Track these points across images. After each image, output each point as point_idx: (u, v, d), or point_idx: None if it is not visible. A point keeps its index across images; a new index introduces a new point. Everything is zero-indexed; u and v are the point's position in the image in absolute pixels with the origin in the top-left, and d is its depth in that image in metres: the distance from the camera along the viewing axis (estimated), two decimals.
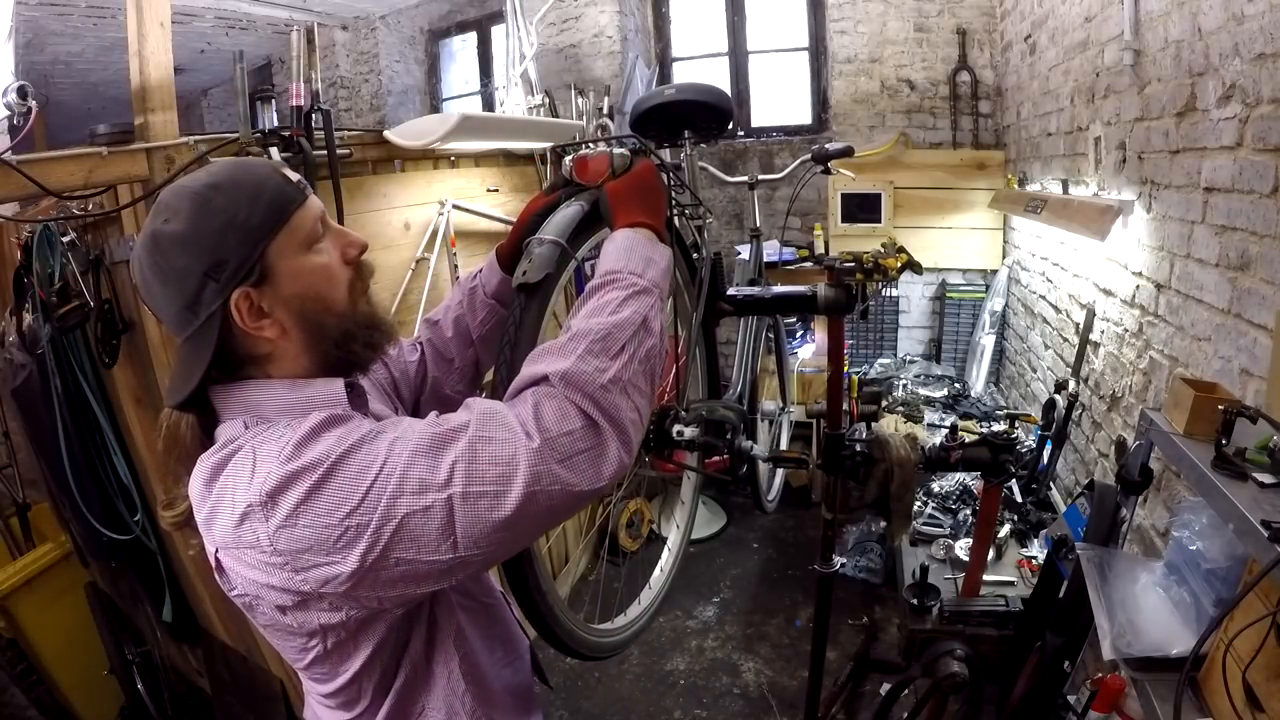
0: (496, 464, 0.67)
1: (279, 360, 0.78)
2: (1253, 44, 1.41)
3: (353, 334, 0.81)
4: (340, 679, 0.80)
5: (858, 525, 3.26)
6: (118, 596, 2.28)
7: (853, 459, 1.35)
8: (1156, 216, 1.91)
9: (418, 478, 0.66)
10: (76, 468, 1.79)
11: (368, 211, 2.10)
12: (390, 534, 0.65)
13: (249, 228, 0.72)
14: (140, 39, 1.56)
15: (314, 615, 0.72)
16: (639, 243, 0.85)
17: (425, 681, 0.85)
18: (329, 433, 0.69)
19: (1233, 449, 1.13)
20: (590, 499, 0.71)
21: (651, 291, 0.80)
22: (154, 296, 0.75)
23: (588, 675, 2.79)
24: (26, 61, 3.76)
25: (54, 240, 1.66)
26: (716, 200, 4.21)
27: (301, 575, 0.67)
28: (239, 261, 0.72)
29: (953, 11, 3.74)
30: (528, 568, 0.91)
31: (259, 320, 0.74)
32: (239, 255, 0.72)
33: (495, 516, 0.66)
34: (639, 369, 0.75)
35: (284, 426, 0.71)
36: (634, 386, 0.74)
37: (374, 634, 0.77)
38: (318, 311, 0.78)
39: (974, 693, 1.68)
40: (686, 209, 1.45)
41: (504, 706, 0.94)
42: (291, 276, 0.75)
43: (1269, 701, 0.97)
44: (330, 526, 0.65)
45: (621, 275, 0.80)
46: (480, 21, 4.75)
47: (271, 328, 0.75)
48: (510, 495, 0.66)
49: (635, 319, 0.77)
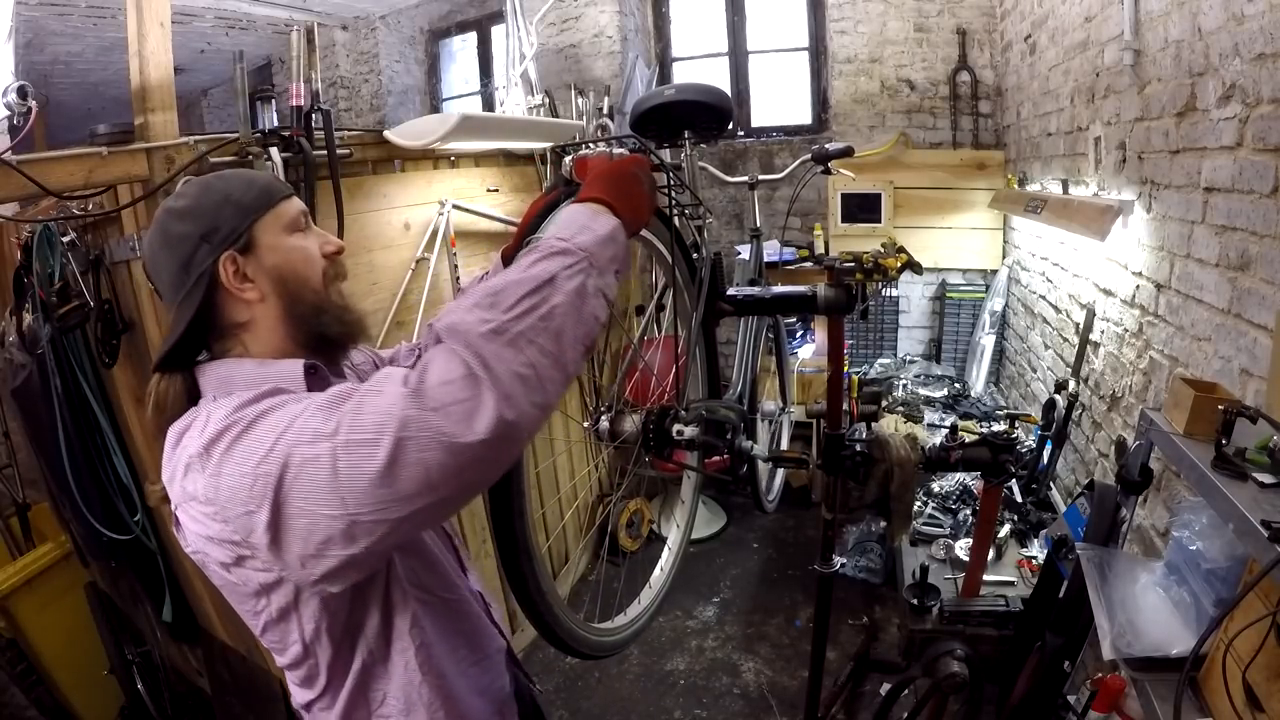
0: (375, 413, 0.66)
1: (257, 330, 0.87)
2: (1253, 44, 1.41)
3: (324, 309, 0.89)
4: (292, 650, 0.84)
5: (858, 525, 3.26)
6: (118, 596, 2.28)
7: (853, 459, 1.35)
8: (1156, 216, 1.91)
9: (313, 428, 0.68)
10: (76, 468, 1.79)
11: (368, 211, 2.10)
12: (290, 481, 0.67)
13: (241, 204, 0.86)
14: (140, 39, 1.56)
15: (251, 573, 0.76)
16: (580, 212, 0.83)
17: (384, 668, 0.88)
18: (269, 400, 0.75)
19: (1233, 449, 1.13)
20: (474, 460, 0.67)
21: (572, 253, 0.76)
22: (156, 262, 0.86)
23: (588, 675, 2.79)
24: (26, 61, 3.76)
25: (54, 240, 1.66)
26: (716, 200, 4.21)
27: (231, 525, 0.71)
28: (229, 229, 0.84)
29: (953, 11, 3.74)
30: (526, 566, 0.91)
31: (242, 283, 0.85)
32: (230, 224, 0.84)
33: (371, 467, 0.65)
34: (538, 324, 0.71)
35: (237, 395, 0.77)
36: (528, 341, 0.70)
37: (313, 603, 0.80)
38: (294, 284, 0.87)
39: (974, 693, 1.68)
40: (686, 209, 1.46)
41: (469, 706, 0.94)
42: (273, 249, 0.87)
43: (1269, 701, 0.97)
44: (245, 474, 0.69)
45: (546, 240, 0.78)
46: (480, 21, 4.75)
47: (252, 291, 0.85)
48: (383, 443, 0.65)
49: (541, 275, 0.73)
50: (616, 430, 1.19)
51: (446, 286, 2.36)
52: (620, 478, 2.68)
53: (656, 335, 2.42)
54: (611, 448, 1.22)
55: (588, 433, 1.23)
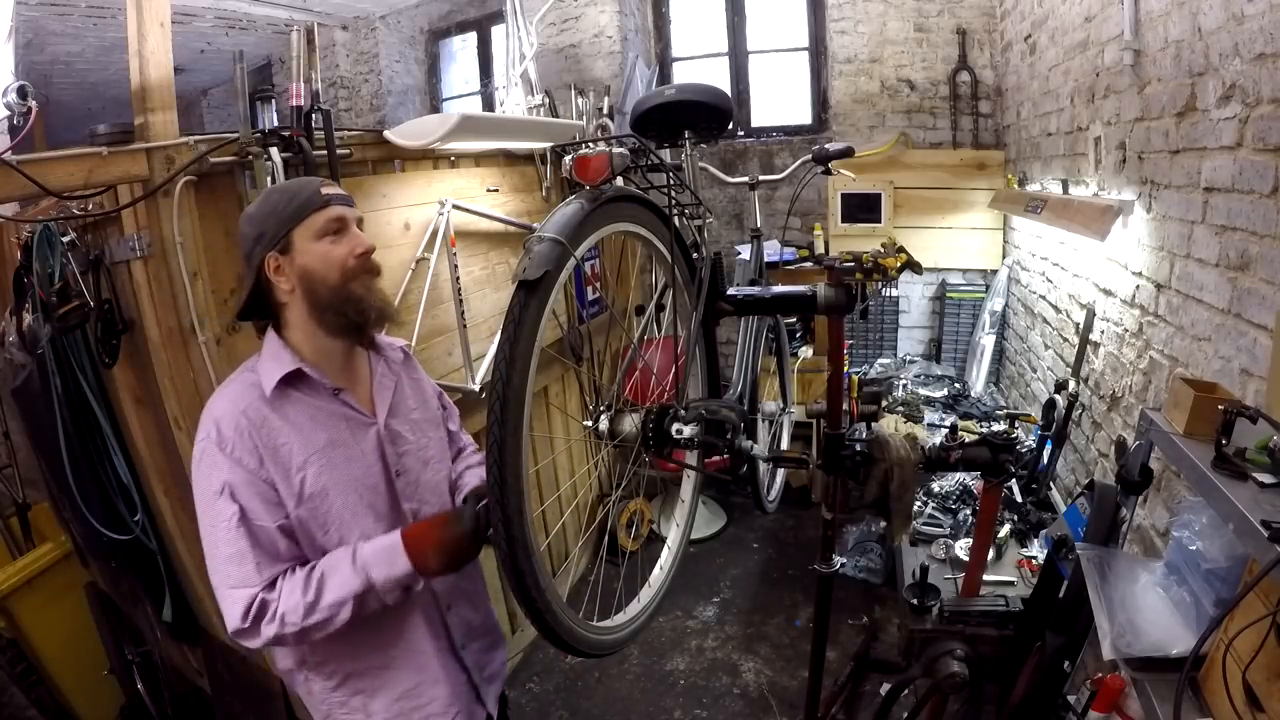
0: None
1: (291, 309, 1.15)
2: (1253, 44, 1.41)
3: (339, 301, 1.13)
4: None
5: (858, 525, 3.26)
6: (118, 596, 2.28)
7: (853, 459, 1.35)
8: (1156, 216, 1.91)
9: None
10: (76, 468, 1.79)
11: (368, 211, 2.08)
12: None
13: (284, 215, 1.12)
14: (140, 39, 1.56)
15: None
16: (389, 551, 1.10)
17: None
18: (213, 437, 1.09)
19: (1233, 449, 1.13)
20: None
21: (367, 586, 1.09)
22: (240, 250, 1.16)
23: (588, 675, 2.79)
24: (26, 61, 3.77)
25: (54, 240, 1.66)
26: (716, 200, 4.21)
27: None
28: (273, 234, 1.12)
29: (953, 11, 3.74)
30: (525, 564, 0.91)
31: (279, 276, 1.13)
32: (274, 230, 1.12)
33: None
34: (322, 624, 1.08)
35: (237, 386, 1.14)
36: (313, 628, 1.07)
37: None
38: (314, 281, 1.12)
39: (974, 693, 1.68)
40: (686, 209, 1.46)
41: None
42: (303, 252, 1.12)
43: (1269, 701, 0.97)
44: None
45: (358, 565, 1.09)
46: (480, 21, 4.75)
47: (285, 282, 1.13)
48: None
49: (338, 600, 1.08)
50: (616, 429, 1.19)
51: (446, 286, 2.36)
52: (620, 477, 2.68)
53: (656, 335, 2.41)
54: (611, 447, 1.22)
55: (587, 432, 1.23)
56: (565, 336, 2.75)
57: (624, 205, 1.16)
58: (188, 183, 1.58)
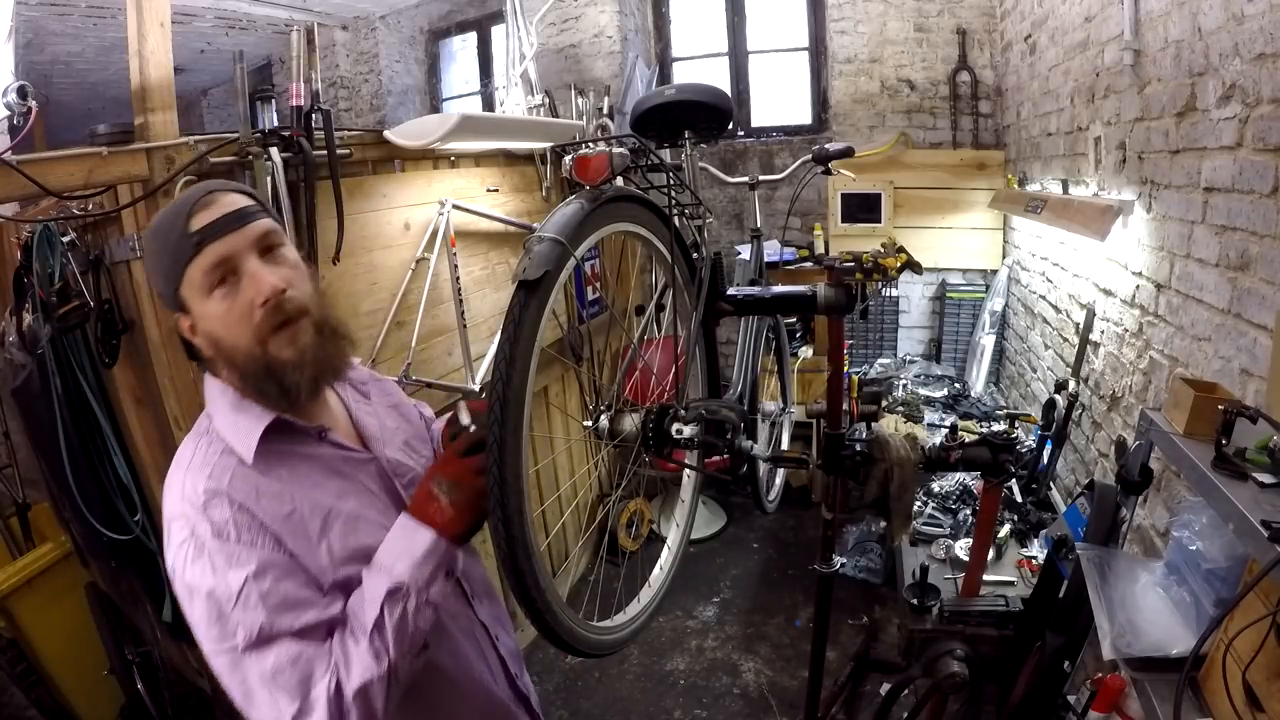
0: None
1: (223, 368, 0.93)
2: (1253, 44, 1.41)
3: (257, 375, 0.89)
4: None
5: (858, 525, 3.26)
6: (118, 596, 2.28)
7: (853, 459, 1.35)
8: (1156, 216, 1.91)
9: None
10: (76, 468, 1.79)
11: (368, 211, 2.10)
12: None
13: (164, 273, 0.89)
14: (140, 39, 1.56)
15: None
16: (401, 532, 0.91)
17: None
18: (207, 520, 0.83)
19: (1233, 449, 1.13)
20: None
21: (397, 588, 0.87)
22: None
23: (588, 675, 2.79)
24: (26, 61, 3.76)
25: (54, 240, 1.66)
26: (716, 200, 4.21)
27: None
28: (166, 296, 0.91)
29: (953, 11, 3.74)
30: (525, 564, 0.91)
31: (195, 336, 0.91)
32: (165, 291, 0.91)
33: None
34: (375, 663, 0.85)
35: (202, 458, 0.88)
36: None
37: None
38: (224, 349, 0.89)
39: (974, 693, 1.68)
40: (686, 209, 1.45)
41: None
42: (200, 316, 0.89)
43: (1269, 701, 0.97)
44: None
45: (375, 580, 0.88)
46: (480, 21, 4.75)
47: (202, 341, 0.91)
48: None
49: (370, 622, 0.86)
50: (616, 429, 1.19)
51: (446, 286, 2.36)
52: (620, 477, 2.68)
53: (656, 335, 2.41)
54: (611, 447, 1.22)
55: (587, 432, 1.23)
56: (565, 336, 2.75)
57: (624, 205, 1.15)
58: (187, 183, 1.58)
